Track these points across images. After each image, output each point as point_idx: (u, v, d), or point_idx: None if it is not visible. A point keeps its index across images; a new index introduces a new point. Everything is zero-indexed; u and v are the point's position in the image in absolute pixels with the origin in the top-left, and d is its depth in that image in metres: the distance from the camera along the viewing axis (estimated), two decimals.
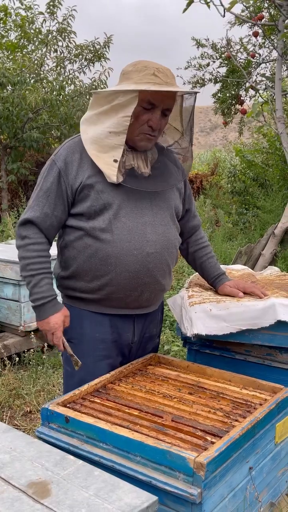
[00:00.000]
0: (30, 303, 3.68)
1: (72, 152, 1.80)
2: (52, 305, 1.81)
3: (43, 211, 1.79)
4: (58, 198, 1.79)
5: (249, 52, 7.01)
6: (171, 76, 1.74)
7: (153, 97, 1.70)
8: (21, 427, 2.88)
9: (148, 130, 1.76)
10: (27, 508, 1.05)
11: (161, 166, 1.89)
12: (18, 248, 1.85)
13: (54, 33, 8.70)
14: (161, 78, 1.69)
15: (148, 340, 2.01)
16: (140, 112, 1.72)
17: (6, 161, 8.55)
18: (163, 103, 1.73)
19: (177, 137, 1.94)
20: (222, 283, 2.07)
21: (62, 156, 1.81)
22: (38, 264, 1.80)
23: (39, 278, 1.80)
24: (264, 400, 1.68)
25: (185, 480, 1.30)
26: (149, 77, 1.69)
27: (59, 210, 1.80)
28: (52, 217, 1.80)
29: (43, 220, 1.80)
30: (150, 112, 1.73)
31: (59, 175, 1.79)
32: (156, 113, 1.74)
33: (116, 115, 1.70)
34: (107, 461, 1.42)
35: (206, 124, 39.21)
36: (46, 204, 1.79)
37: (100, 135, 1.74)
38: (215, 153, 13.79)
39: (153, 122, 1.74)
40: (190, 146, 1.94)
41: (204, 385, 1.81)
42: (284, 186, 7.65)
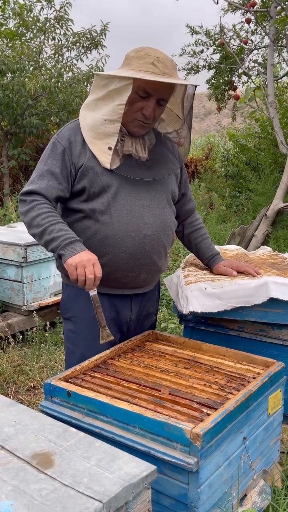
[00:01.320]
0: (32, 284, 3.76)
1: (75, 133, 1.82)
2: (84, 246, 1.71)
3: (48, 184, 1.78)
4: (62, 175, 1.79)
5: (242, 39, 6.97)
6: (171, 66, 1.73)
7: (148, 86, 1.71)
8: (25, 401, 2.97)
9: (141, 118, 1.77)
10: (32, 478, 1.11)
11: (158, 152, 1.91)
12: (27, 212, 1.76)
13: (52, 21, 8.63)
14: (159, 68, 1.69)
15: (145, 318, 2.06)
16: (135, 99, 1.74)
17: (7, 147, 8.57)
18: (158, 93, 1.74)
19: (176, 126, 1.95)
20: (217, 263, 2.12)
21: (66, 135, 1.82)
22: (55, 217, 1.74)
23: (62, 225, 1.72)
24: (257, 374, 1.74)
25: (182, 450, 1.37)
26: (148, 65, 1.69)
27: (64, 186, 1.80)
28: (58, 190, 1.79)
29: (48, 191, 1.77)
30: (144, 101, 1.75)
31: (64, 152, 1.80)
32: (151, 102, 1.75)
33: (112, 103, 1.72)
34: (107, 433, 1.48)
35: (200, 110, 38.79)
36: (52, 179, 1.79)
37: (96, 122, 1.76)
38: (209, 138, 13.76)
39: (146, 111, 1.75)
40: (188, 136, 1.94)
41: (200, 360, 1.87)
42: (275, 170, 7.70)
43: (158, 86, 1.72)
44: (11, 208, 6.83)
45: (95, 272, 1.66)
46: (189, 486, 1.37)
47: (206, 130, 29.99)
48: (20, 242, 3.67)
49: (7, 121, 8.34)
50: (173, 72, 1.74)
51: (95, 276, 1.66)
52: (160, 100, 1.77)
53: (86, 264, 1.65)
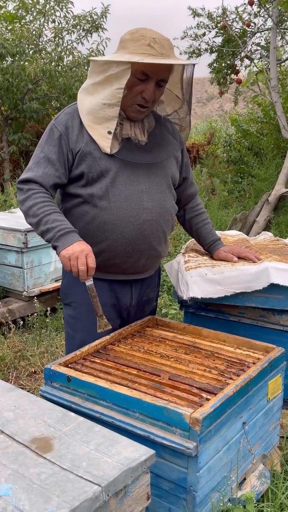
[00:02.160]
0: (32, 270, 3.76)
1: (72, 117, 1.80)
2: (78, 236, 1.71)
3: (45, 171, 1.78)
4: (59, 161, 1.79)
5: (245, 21, 6.85)
6: (167, 46, 1.70)
7: (147, 68, 1.69)
8: (26, 386, 2.98)
9: (142, 101, 1.75)
10: (31, 462, 1.12)
11: (158, 135, 1.89)
12: (23, 201, 1.77)
13: (51, 3, 8.51)
14: (156, 49, 1.66)
15: (145, 304, 2.06)
16: (134, 82, 1.72)
17: (8, 132, 8.52)
18: (157, 74, 1.72)
19: (176, 106, 1.93)
20: (217, 248, 2.11)
21: (63, 120, 1.81)
22: (50, 206, 1.74)
23: (56, 215, 1.72)
24: (257, 359, 1.74)
25: (181, 434, 1.37)
26: (144, 47, 1.66)
27: (61, 172, 1.80)
28: (54, 177, 1.79)
29: (45, 178, 1.77)
30: (144, 83, 1.72)
31: (60, 138, 1.79)
32: (150, 84, 1.72)
33: (110, 87, 1.70)
34: (107, 418, 1.49)
35: (203, 95, 38.50)
36: (48, 166, 1.78)
37: (95, 106, 1.74)
38: (211, 123, 13.65)
39: (146, 94, 1.73)
40: (188, 115, 1.92)
41: (200, 345, 1.87)
42: (278, 155, 7.65)
43: (156, 67, 1.70)
44: (12, 194, 6.82)
45: (88, 263, 1.66)
46: (188, 470, 1.38)
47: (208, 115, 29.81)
48: (21, 227, 3.66)
49: (7, 105, 8.28)
50: (170, 52, 1.71)
51: (88, 267, 1.66)
52: (160, 81, 1.75)
53: (79, 255, 1.65)
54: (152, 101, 1.78)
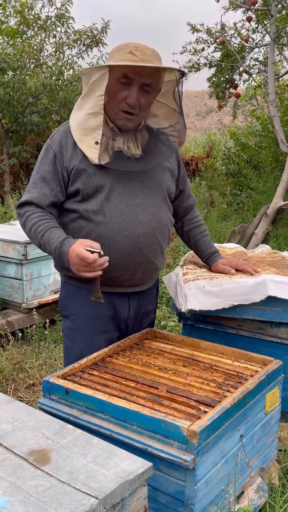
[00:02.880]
0: (31, 281, 3.77)
1: (66, 136, 1.83)
2: (68, 241, 1.73)
3: (41, 192, 1.82)
4: (54, 180, 1.82)
5: (243, 37, 6.94)
6: (150, 54, 1.71)
7: (128, 71, 1.70)
8: (24, 399, 2.98)
9: (126, 107, 1.76)
10: (28, 475, 1.11)
11: (151, 147, 1.90)
12: (23, 225, 1.83)
13: (52, 19, 8.64)
14: (138, 56, 1.68)
15: (144, 316, 2.07)
16: (118, 89, 1.74)
17: (8, 145, 8.59)
18: (139, 78, 1.72)
19: (171, 120, 1.93)
20: (215, 260, 2.12)
21: (57, 140, 1.84)
22: (43, 224, 1.78)
23: (48, 233, 1.76)
24: (255, 372, 1.75)
25: (179, 447, 1.37)
26: (126, 55, 1.70)
27: (57, 191, 1.83)
28: (50, 196, 1.83)
29: (41, 199, 1.82)
30: (127, 90, 1.73)
31: (55, 157, 1.82)
32: (134, 89, 1.73)
33: (93, 96, 1.72)
34: (105, 430, 1.49)
35: (202, 108, 38.83)
36: (44, 186, 1.83)
37: (82, 118, 1.77)
38: (210, 136, 13.78)
39: (130, 99, 1.74)
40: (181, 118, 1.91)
41: (198, 357, 1.88)
42: (276, 168, 7.70)
43: (138, 70, 1.70)
44: (12, 206, 6.85)
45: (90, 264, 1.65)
46: (186, 483, 1.38)
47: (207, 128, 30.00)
48: (20, 239, 3.68)
49: (7, 118, 8.36)
50: (153, 59, 1.71)
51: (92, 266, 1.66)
52: (144, 86, 1.74)
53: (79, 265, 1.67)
54: (139, 108, 1.77)
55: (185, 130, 1.96)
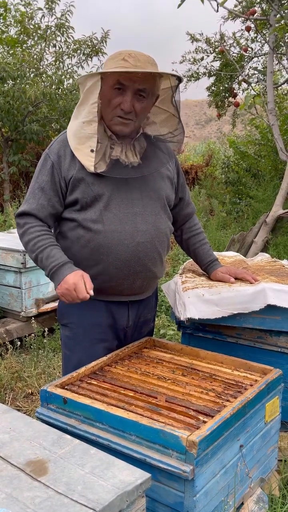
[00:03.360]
0: (30, 290, 3.76)
1: (64, 145, 1.83)
2: (69, 267, 1.75)
3: (39, 202, 1.83)
4: (52, 190, 1.83)
5: (242, 46, 7.01)
6: (143, 60, 1.71)
7: (122, 78, 1.71)
8: (22, 408, 2.96)
9: (120, 113, 1.76)
10: (25, 485, 1.10)
11: (149, 155, 1.90)
12: (21, 236, 1.85)
13: (52, 29, 8.72)
14: (130, 62, 1.69)
15: (143, 324, 2.06)
16: (112, 95, 1.74)
17: (8, 153, 8.63)
18: (133, 83, 1.72)
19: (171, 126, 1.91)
20: (215, 269, 2.11)
21: (55, 149, 1.84)
22: (44, 240, 1.80)
23: (49, 250, 1.78)
24: (255, 381, 1.74)
25: (178, 457, 1.36)
26: (119, 62, 1.70)
27: (54, 201, 1.84)
28: (48, 207, 1.83)
29: (39, 210, 1.83)
30: (121, 95, 1.74)
31: (53, 167, 1.82)
32: (128, 95, 1.73)
33: (87, 104, 1.73)
34: (103, 440, 1.47)
35: (201, 117, 39.05)
36: (42, 196, 1.83)
37: (77, 127, 1.77)
38: (210, 145, 13.86)
39: (124, 105, 1.74)
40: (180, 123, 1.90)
41: (197, 367, 1.87)
42: (275, 176, 7.73)
43: (131, 76, 1.70)
44: (11, 214, 6.86)
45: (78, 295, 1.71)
46: (185, 494, 1.36)
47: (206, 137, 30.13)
48: (19, 248, 3.67)
49: (7, 127, 8.40)
50: (147, 65, 1.71)
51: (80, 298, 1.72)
52: (138, 92, 1.74)
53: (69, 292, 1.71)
54: (133, 113, 1.77)
55: (183, 137, 1.95)
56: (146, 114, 1.85)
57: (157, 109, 1.90)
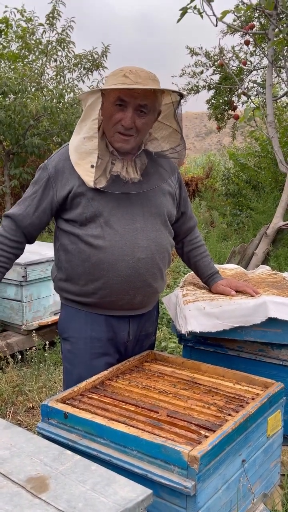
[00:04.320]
0: (31, 303, 3.76)
1: (64, 159, 1.84)
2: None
3: (25, 210, 1.86)
4: (42, 201, 1.84)
5: (241, 60, 7.08)
6: (144, 76, 1.72)
7: (123, 94, 1.72)
8: (23, 422, 2.94)
9: (121, 129, 1.76)
10: (26, 503, 1.09)
11: (150, 171, 1.90)
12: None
13: (53, 44, 8.82)
14: (131, 79, 1.69)
15: (144, 338, 2.05)
16: (113, 111, 1.75)
17: (9, 167, 8.68)
18: (134, 100, 1.72)
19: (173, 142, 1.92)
20: (215, 281, 2.11)
21: (54, 162, 1.85)
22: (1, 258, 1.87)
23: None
24: (256, 395, 1.73)
25: (179, 473, 1.35)
26: (120, 78, 1.71)
27: (41, 212, 1.86)
28: (32, 217, 1.86)
29: (23, 218, 1.86)
30: (122, 111, 1.74)
31: (48, 180, 1.84)
32: (128, 111, 1.74)
33: (88, 120, 1.74)
34: (104, 456, 1.46)
35: (201, 130, 39.27)
36: (31, 205, 1.86)
37: (78, 142, 1.78)
38: (210, 157, 13.94)
39: (124, 121, 1.74)
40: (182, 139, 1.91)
41: (199, 380, 1.86)
42: (275, 188, 7.76)
43: (132, 92, 1.71)
44: None
45: None
46: (187, 510, 1.35)
47: (207, 148, 30.27)
48: (20, 261, 3.67)
49: (9, 141, 8.45)
50: (147, 81, 1.72)
51: None
52: (139, 108, 1.75)
53: None
54: (134, 129, 1.78)
55: (185, 152, 1.96)
56: (147, 130, 1.85)
57: (158, 124, 1.91)
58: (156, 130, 1.92)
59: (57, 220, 1.93)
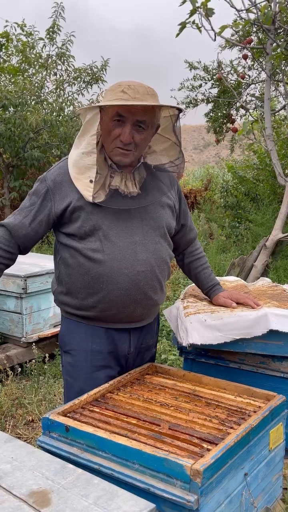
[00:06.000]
0: (31, 315, 3.76)
1: (63, 172, 1.85)
2: None
3: (21, 221, 1.85)
4: (39, 213, 1.84)
5: (239, 74, 7.17)
6: (142, 92, 1.72)
7: (121, 110, 1.73)
8: (23, 435, 2.92)
9: (120, 144, 1.78)
10: None
11: (149, 185, 1.91)
12: None
13: (53, 58, 8.92)
14: (129, 94, 1.70)
15: (145, 351, 2.05)
16: (112, 127, 1.76)
17: (9, 179, 8.72)
18: (132, 116, 1.73)
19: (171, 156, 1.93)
20: (216, 293, 2.11)
21: (53, 176, 1.86)
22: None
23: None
24: (258, 408, 1.72)
25: (182, 487, 1.34)
26: (118, 94, 1.72)
27: (37, 224, 1.85)
28: (28, 228, 1.85)
29: (18, 228, 1.85)
30: (121, 127, 1.75)
31: (47, 192, 1.84)
32: (127, 126, 1.74)
33: (87, 135, 1.76)
34: (106, 469, 1.45)
35: (200, 142, 39.50)
36: (27, 216, 1.85)
37: (77, 157, 1.79)
38: (208, 169, 14.03)
39: (123, 136, 1.75)
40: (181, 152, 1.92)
41: (200, 393, 1.85)
42: (274, 200, 7.81)
43: (130, 108, 1.72)
44: None
45: None
46: None
47: (205, 161, 30.42)
48: (20, 273, 3.68)
49: (8, 153, 8.51)
50: (146, 97, 1.72)
51: None
52: (137, 123, 1.76)
53: None
54: (133, 144, 1.78)
55: (184, 165, 1.97)
56: (146, 145, 1.86)
57: (157, 137, 1.91)
58: (155, 142, 1.93)
59: (56, 233, 1.93)
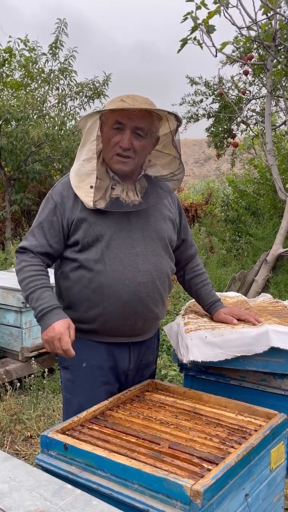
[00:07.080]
0: (30, 330, 3.75)
1: (68, 187, 1.86)
2: (56, 313, 1.77)
3: (38, 240, 1.85)
4: (53, 230, 1.85)
5: (240, 89, 7.24)
6: (141, 101, 1.76)
7: (119, 117, 1.76)
8: (21, 452, 2.89)
9: (119, 150, 1.80)
10: None
11: (150, 194, 1.93)
12: (17, 273, 1.88)
13: (56, 72, 9.03)
14: (128, 102, 1.74)
15: (145, 367, 2.03)
16: (111, 134, 1.79)
17: (10, 192, 8.78)
18: (131, 122, 1.76)
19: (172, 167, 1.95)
20: (217, 310, 2.11)
21: (59, 191, 1.88)
22: (37, 281, 1.82)
23: (40, 291, 1.80)
24: (259, 426, 1.70)
25: (182, 508, 1.31)
26: (117, 103, 1.76)
27: (54, 241, 1.86)
28: (47, 246, 1.85)
29: (37, 247, 1.85)
30: (120, 134, 1.78)
31: (55, 208, 1.85)
32: (126, 133, 1.78)
33: (87, 143, 1.79)
34: (105, 489, 1.43)
35: (200, 156, 39.78)
36: (42, 234, 1.85)
37: (78, 166, 1.82)
38: (209, 183, 14.10)
39: (122, 143, 1.78)
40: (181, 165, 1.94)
41: (201, 411, 1.83)
42: (275, 215, 7.83)
43: (129, 114, 1.75)
44: (13, 252, 6.91)
45: (62, 346, 1.72)
46: None
47: (206, 175, 30.56)
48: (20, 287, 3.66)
49: (10, 167, 8.57)
50: (144, 105, 1.76)
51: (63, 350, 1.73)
52: (136, 130, 1.78)
53: (54, 340, 1.73)
54: (132, 151, 1.81)
55: (183, 175, 1.99)
56: (145, 154, 1.88)
57: (158, 153, 1.94)
58: (155, 158, 1.95)
59: None
